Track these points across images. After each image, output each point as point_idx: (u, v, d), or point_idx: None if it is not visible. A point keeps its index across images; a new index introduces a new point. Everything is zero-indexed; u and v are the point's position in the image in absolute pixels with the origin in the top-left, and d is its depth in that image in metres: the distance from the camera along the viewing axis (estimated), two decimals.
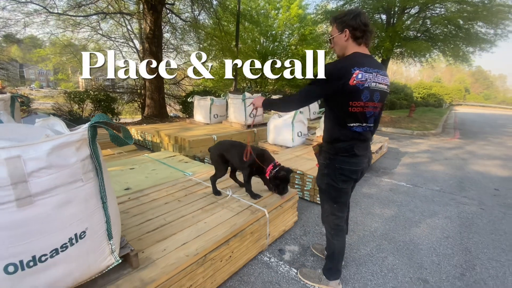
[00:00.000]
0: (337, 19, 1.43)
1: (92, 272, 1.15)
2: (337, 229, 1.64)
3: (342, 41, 1.42)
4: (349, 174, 1.49)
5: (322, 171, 1.58)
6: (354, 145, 1.44)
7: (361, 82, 1.31)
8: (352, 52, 1.40)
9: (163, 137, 4.68)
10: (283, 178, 2.08)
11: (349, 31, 1.38)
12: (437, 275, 1.89)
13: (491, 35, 9.68)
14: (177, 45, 11.60)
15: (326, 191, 1.60)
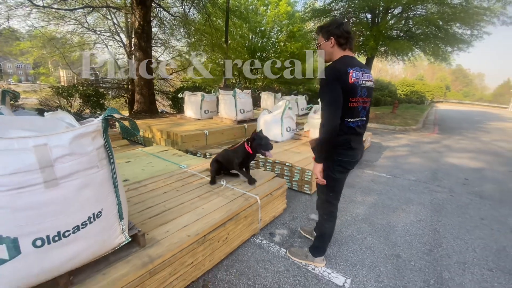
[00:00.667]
0: (323, 29, 1.61)
1: (106, 248, 1.30)
2: (330, 215, 1.82)
3: (328, 48, 1.60)
4: (346, 165, 1.65)
5: None
6: (350, 139, 1.59)
7: (356, 80, 1.49)
8: (341, 56, 1.57)
9: (155, 132, 4.76)
10: (260, 135, 2.32)
11: (334, 38, 1.55)
12: (409, 251, 2.15)
13: (468, 35, 10.24)
14: (165, 40, 11.50)
15: (327, 182, 1.71)
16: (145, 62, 6.77)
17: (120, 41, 11.10)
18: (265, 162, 3.61)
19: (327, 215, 1.82)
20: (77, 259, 1.18)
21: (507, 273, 1.97)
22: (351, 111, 1.54)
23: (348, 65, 1.49)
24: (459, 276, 1.90)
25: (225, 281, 1.74)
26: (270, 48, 17.19)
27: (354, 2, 10.32)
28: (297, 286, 1.72)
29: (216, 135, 4.97)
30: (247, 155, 2.37)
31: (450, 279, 1.86)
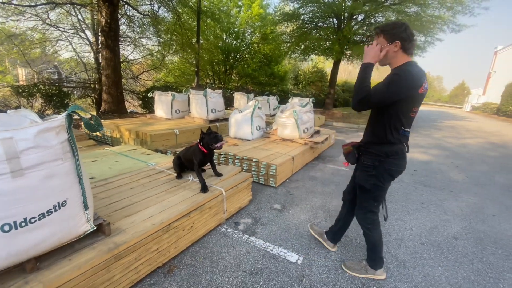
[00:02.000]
0: (386, 31, 1.53)
1: (72, 235, 1.39)
2: (374, 223, 1.76)
3: (390, 52, 1.51)
4: (395, 174, 1.61)
5: (369, 172, 1.64)
6: (403, 148, 1.57)
7: (425, 90, 1.47)
8: (407, 62, 1.50)
9: (124, 132, 4.72)
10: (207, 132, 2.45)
11: (400, 42, 1.48)
12: (356, 232, 2.45)
13: (422, 42, 11.28)
14: (134, 38, 11.20)
15: (370, 190, 1.67)
16: (112, 61, 6.62)
17: (85, 39, 10.61)
18: (234, 159, 3.79)
19: (371, 224, 1.77)
20: (43, 244, 1.26)
21: (436, 246, 2.33)
22: (410, 120, 1.54)
23: (422, 75, 1.45)
24: (395, 250, 2.23)
25: (190, 265, 1.89)
26: (244, 49, 17.41)
27: (321, 8, 10.88)
28: (256, 265, 1.92)
29: (187, 134, 5.04)
30: (203, 154, 2.45)
31: (387, 252, 2.17)
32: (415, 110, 1.52)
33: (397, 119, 1.50)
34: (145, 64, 12.11)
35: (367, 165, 1.66)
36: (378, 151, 1.59)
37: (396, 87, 1.43)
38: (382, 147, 1.57)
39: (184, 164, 2.67)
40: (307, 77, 20.80)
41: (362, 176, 1.70)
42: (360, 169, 1.73)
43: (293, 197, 3.17)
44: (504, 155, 6.44)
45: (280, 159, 3.59)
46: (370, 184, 1.65)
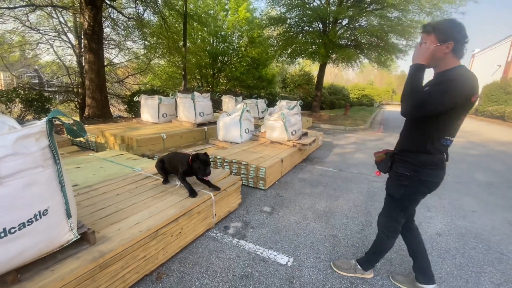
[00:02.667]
0: (438, 30, 1.36)
1: (54, 245, 1.34)
2: (395, 232, 1.69)
3: (440, 53, 1.36)
4: (432, 186, 1.49)
5: (401, 182, 1.53)
6: (442, 158, 1.45)
7: (476, 98, 1.32)
8: (460, 65, 1.36)
9: (108, 137, 4.60)
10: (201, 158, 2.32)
11: (454, 43, 1.32)
12: (344, 231, 2.49)
13: (403, 45, 11.69)
14: (119, 41, 10.99)
15: (400, 200, 1.58)
16: (96, 65, 6.47)
17: (68, 42, 10.32)
18: (223, 162, 3.77)
19: (392, 232, 1.68)
20: (24, 255, 1.21)
21: None
22: (457, 128, 1.42)
23: (476, 81, 1.31)
24: None
25: (179, 272, 1.86)
26: (231, 52, 17.45)
27: (307, 13, 11.08)
28: (246, 268, 1.91)
29: (175, 138, 4.98)
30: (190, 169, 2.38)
31: None
32: (463, 118, 1.38)
33: (442, 127, 1.36)
34: (130, 68, 11.89)
35: (400, 174, 1.53)
36: (414, 160, 1.46)
37: (454, 94, 1.27)
38: (419, 156, 1.45)
39: (168, 169, 2.62)
40: (294, 80, 21.08)
41: (394, 185, 1.59)
42: (392, 177, 1.61)
43: (282, 199, 3.19)
44: (483, 153, 6.74)
45: (269, 162, 3.60)
46: (401, 194, 1.55)
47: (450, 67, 1.36)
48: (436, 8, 9.98)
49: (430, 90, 1.34)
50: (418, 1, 9.99)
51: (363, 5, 11.07)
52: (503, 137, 10.45)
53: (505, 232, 2.68)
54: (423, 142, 1.43)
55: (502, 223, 2.86)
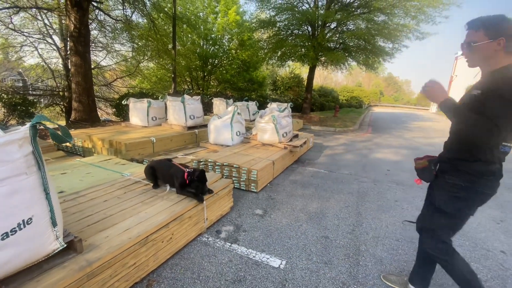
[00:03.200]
0: (489, 26, 1.25)
1: (39, 255, 1.29)
2: (449, 252, 1.48)
3: (490, 50, 1.25)
4: (485, 199, 1.35)
5: (455, 194, 1.37)
6: (500, 167, 1.31)
7: None
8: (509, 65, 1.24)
9: (96, 141, 4.49)
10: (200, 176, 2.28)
11: (505, 40, 1.21)
12: (336, 232, 2.52)
13: (390, 48, 11.98)
14: (107, 44, 10.79)
15: (453, 216, 1.41)
16: (83, 68, 6.34)
17: (53, 44, 10.04)
18: (214, 165, 3.74)
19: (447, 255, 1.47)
20: (8, 266, 1.16)
21: (410, 241, 2.45)
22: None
23: None
24: (373, 248, 2.31)
25: (170, 278, 1.82)
26: (222, 55, 17.43)
27: (296, 16, 11.21)
28: (238, 273, 1.90)
29: (165, 142, 4.91)
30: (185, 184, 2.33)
31: (365, 251, 2.25)
32: None
33: (497, 133, 1.18)
34: (118, 71, 11.68)
35: (453, 184, 1.36)
36: (469, 169, 1.31)
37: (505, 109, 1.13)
38: (475, 165, 1.30)
39: (158, 177, 2.55)
40: (284, 83, 21.23)
41: (445, 197, 1.40)
42: (442, 188, 1.42)
43: (274, 201, 3.19)
44: None
45: (260, 164, 3.60)
46: (455, 208, 1.37)
47: (502, 65, 1.24)
48: (421, 12, 10.28)
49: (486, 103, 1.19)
50: (403, 6, 10.27)
51: (351, 9, 11.30)
52: None
53: (490, 229, 2.76)
54: (480, 149, 1.28)
55: (487, 220, 2.96)
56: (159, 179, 2.57)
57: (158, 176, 2.55)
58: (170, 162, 2.57)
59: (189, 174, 2.30)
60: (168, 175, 2.45)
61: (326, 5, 11.64)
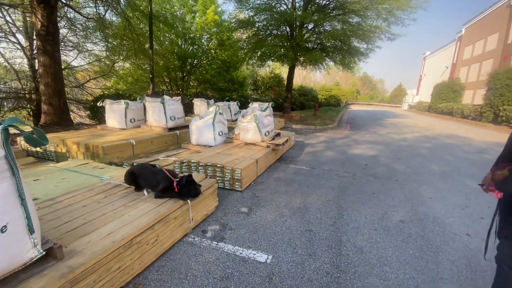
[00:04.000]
0: None
1: (17, 264, 1.23)
2: None
3: None
4: None
5: None
6: None
7: None
8: None
9: (71, 145, 4.28)
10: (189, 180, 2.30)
11: None
12: (319, 225, 2.61)
13: (364, 48, 12.50)
14: (78, 43, 10.25)
15: None
16: (52, 68, 6.00)
17: (17, 43, 9.38)
18: (197, 166, 3.71)
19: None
20: None
21: (386, 230, 2.60)
22: None
23: None
24: (353, 237, 2.42)
25: (156, 280, 1.80)
26: (201, 55, 17.20)
27: (274, 17, 11.35)
28: (226, 270, 1.92)
29: (145, 144, 4.79)
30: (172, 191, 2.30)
31: (347, 241, 2.36)
32: None
33: None
34: (91, 71, 11.14)
35: None
36: None
37: None
38: None
39: (138, 182, 2.46)
40: (265, 82, 21.39)
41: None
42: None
43: (259, 199, 3.23)
44: (436, 146, 7.46)
45: (244, 163, 3.63)
46: None
47: None
48: (391, 15, 10.83)
49: None
50: (375, 8, 10.76)
51: (327, 11, 11.64)
52: (451, 130, 11.65)
53: (457, 214, 3.00)
54: None
55: (454, 207, 3.20)
56: (141, 184, 2.48)
57: (140, 182, 2.46)
58: (155, 168, 2.51)
59: (178, 183, 2.28)
60: (154, 182, 2.37)
61: (303, 6, 11.90)
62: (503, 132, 12.14)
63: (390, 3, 10.18)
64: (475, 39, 23.60)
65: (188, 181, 2.32)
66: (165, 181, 2.32)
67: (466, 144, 7.91)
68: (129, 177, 2.47)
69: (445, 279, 1.92)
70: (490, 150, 7.00)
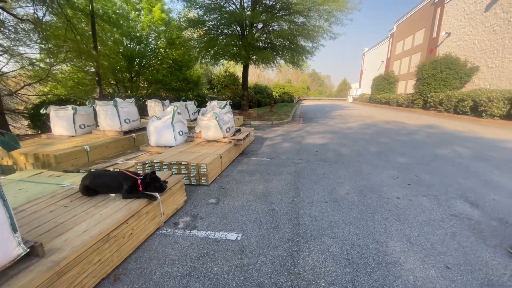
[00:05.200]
0: None
1: (6, 260, 1.31)
2: None
3: None
4: None
5: None
6: None
7: None
8: None
9: (17, 157, 3.94)
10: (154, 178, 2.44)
11: None
12: (280, 204, 2.98)
13: (310, 47, 13.51)
14: (8, 47, 9.01)
15: None
16: None
17: None
18: (161, 165, 3.79)
19: None
20: None
21: (335, 201, 3.09)
22: None
23: None
24: (309, 210, 2.85)
25: (136, 269, 1.95)
26: (150, 54, 16.47)
27: (224, 16, 11.54)
28: (201, 251, 2.15)
29: (100, 149, 4.63)
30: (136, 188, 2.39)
31: (303, 213, 2.77)
32: None
33: None
34: (24, 76, 9.91)
35: None
36: None
37: None
38: None
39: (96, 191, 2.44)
40: (220, 81, 21.44)
41: None
42: None
43: (225, 190, 3.49)
44: (375, 131, 8.59)
45: (208, 159, 3.83)
46: None
47: None
48: (331, 16, 11.93)
49: None
50: (317, 9, 11.72)
51: (274, 11, 12.26)
52: (388, 117, 13.38)
53: (389, 184, 3.68)
54: None
55: (387, 179, 3.90)
56: (102, 192, 2.45)
57: (101, 192, 2.44)
58: (112, 171, 2.55)
59: (142, 181, 2.39)
60: (116, 185, 2.40)
61: (252, 6, 12.32)
62: (431, 115, 14.38)
63: (329, 4, 11.21)
64: (405, 35, 26.90)
65: (152, 178, 2.44)
66: (129, 181, 2.38)
67: (400, 128, 9.27)
68: (86, 192, 2.42)
69: (380, 231, 2.44)
70: (420, 132, 8.35)
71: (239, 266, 1.94)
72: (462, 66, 16.07)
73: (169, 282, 1.80)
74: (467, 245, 2.17)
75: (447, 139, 7.07)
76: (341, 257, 2.04)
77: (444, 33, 19.12)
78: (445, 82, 16.33)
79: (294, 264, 1.95)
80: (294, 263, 1.96)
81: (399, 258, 2.01)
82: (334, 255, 2.06)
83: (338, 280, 1.78)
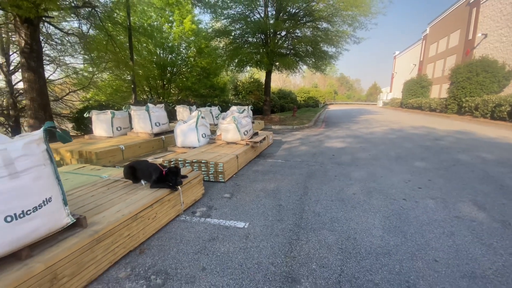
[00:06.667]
0: None
1: (58, 225, 1.72)
2: None
3: None
4: None
5: None
6: None
7: None
8: None
9: (64, 153, 4.64)
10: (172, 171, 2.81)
11: None
12: (287, 201, 3.21)
13: (333, 52, 13.51)
14: (55, 57, 10.38)
15: None
16: (37, 83, 6.29)
17: None
18: (184, 163, 4.21)
19: None
20: (36, 233, 1.58)
21: (340, 201, 3.23)
22: None
23: None
24: (313, 207, 3.04)
25: (158, 245, 2.31)
26: (180, 63, 17.59)
27: (250, 26, 12.06)
28: (212, 234, 2.46)
29: (133, 148, 5.21)
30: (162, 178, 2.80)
31: (308, 209, 2.97)
32: None
33: None
34: (69, 84, 11.27)
35: None
36: None
37: None
38: None
39: (136, 174, 2.93)
40: (245, 87, 22.07)
41: None
42: None
43: (239, 186, 3.79)
44: (399, 136, 8.37)
45: (226, 158, 4.18)
46: None
47: None
48: (355, 21, 11.88)
49: None
50: (340, 15, 11.76)
51: (297, 18, 12.53)
52: (417, 123, 12.82)
53: (399, 187, 3.71)
54: None
55: (399, 182, 3.93)
56: (138, 175, 2.98)
57: (137, 174, 2.96)
58: (148, 162, 3.01)
59: (166, 171, 2.80)
60: (147, 172, 2.87)
61: (275, 14, 12.71)
62: (465, 121, 13.53)
63: (353, 10, 11.20)
64: (439, 37, 25.54)
65: (172, 171, 2.81)
66: (157, 172, 2.82)
67: (427, 133, 8.92)
68: (129, 170, 2.95)
69: (378, 227, 2.56)
70: (448, 138, 7.99)
71: (242, 248, 2.21)
72: (500, 69, 14.90)
73: (183, 257, 2.12)
74: (461, 243, 2.22)
75: (474, 144, 6.71)
76: (335, 246, 2.22)
77: (481, 35, 17.88)
78: (481, 86, 15.23)
79: (291, 250, 2.18)
80: (291, 249, 2.19)
81: (390, 250, 2.13)
82: (329, 245, 2.24)
83: (329, 265, 1.97)
